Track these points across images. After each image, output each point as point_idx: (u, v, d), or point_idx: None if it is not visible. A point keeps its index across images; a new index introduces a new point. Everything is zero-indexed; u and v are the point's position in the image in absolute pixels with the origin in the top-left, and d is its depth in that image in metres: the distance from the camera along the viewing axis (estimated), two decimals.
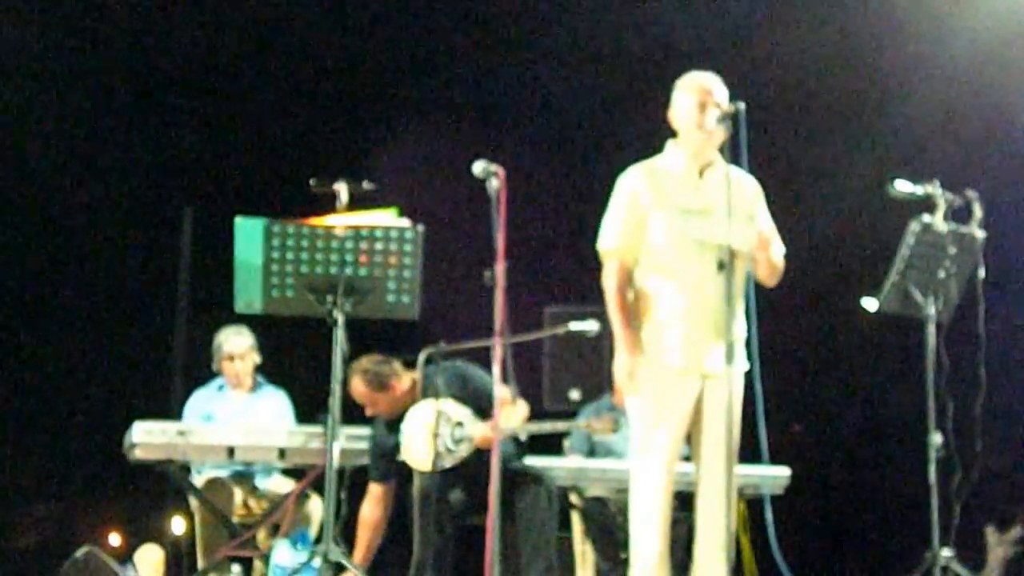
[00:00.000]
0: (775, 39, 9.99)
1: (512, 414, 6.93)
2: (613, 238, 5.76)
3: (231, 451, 7.10)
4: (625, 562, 6.01)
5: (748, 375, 5.68)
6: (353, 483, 6.64)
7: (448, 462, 6.75)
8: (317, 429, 6.98)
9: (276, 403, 8.11)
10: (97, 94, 11.36)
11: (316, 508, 7.47)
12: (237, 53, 11.23)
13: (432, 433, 6.67)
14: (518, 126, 10.78)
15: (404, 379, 7.15)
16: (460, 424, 6.86)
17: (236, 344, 8.04)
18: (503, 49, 10.92)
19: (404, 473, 6.98)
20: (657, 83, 6.08)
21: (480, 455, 6.47)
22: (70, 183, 12.05)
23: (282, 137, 11.61)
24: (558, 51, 10.73)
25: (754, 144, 5.55)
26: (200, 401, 8.07)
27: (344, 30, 11.12)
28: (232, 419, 7.84)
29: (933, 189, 6.44)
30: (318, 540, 6.63)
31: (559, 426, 7.25)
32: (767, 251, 5.71)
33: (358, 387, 7.10)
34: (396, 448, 6.95)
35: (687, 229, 5.63)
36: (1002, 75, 9.46)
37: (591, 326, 6.87)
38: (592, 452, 7.88)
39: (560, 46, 10.70)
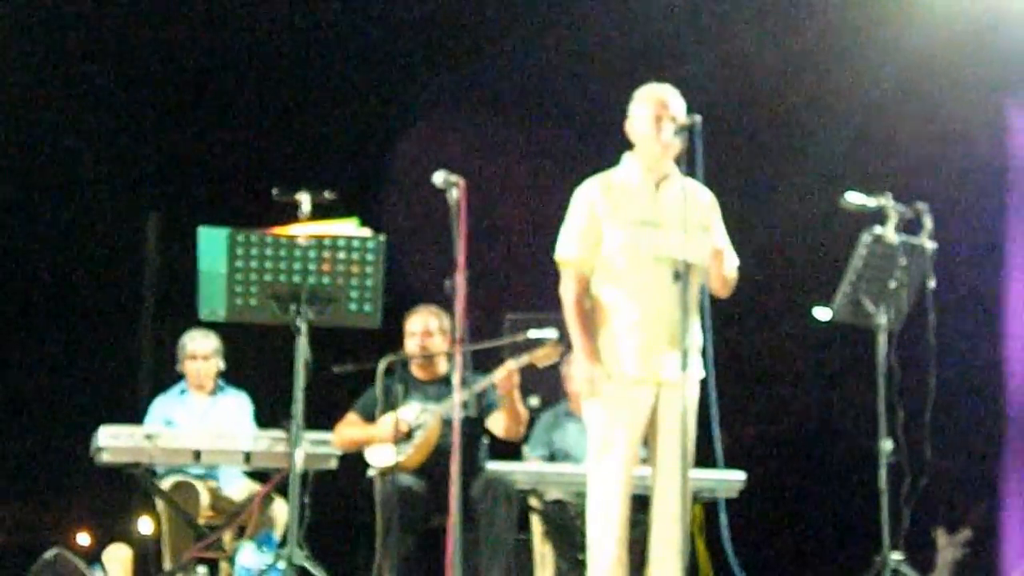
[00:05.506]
0: (725, 53, 10.08)
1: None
2: (570, 249, 5.86)
3: (197, 455, 7.21)
4: (583, 564, 6.09)
5: (703, 382, 5.75)
6: (316, 487, 6.71)
7: (410, 443, 6.91)
8: (282, 434, 7.06)
9: (236, 404, 8.15)
10: (63, 101, 11.35)
11: (281, 511, 7.50)
12: (201, 61, 11.26)
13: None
14: (480, 135, 10.84)
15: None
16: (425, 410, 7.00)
17: (201, 345, 8.09)
18: (464, 59, 10.98)
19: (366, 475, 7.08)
20: (615, 95, 6.17)
21: (443, 457, 6.54)
22: (35, 188, 12.04)
23: (246, 146, 11.64)
24: (518, 62, 10.78)
25: (707, 155, 5.63)
26: (161, 407, 8.09)
27: (307, 40, 11.17)
28: (192, 422, 7.89)
29: (884, 201, 6.52)
30: (283, 542, 6.70)
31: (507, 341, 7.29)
32: (720, 265, 5.82)
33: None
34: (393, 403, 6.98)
35: (642, 241, 5.73)
36: (947, 90, 9.58)
37: (550, 334, 6.94)
38: (552, 457, 7.97)
39: (519, 57, 10.76)
